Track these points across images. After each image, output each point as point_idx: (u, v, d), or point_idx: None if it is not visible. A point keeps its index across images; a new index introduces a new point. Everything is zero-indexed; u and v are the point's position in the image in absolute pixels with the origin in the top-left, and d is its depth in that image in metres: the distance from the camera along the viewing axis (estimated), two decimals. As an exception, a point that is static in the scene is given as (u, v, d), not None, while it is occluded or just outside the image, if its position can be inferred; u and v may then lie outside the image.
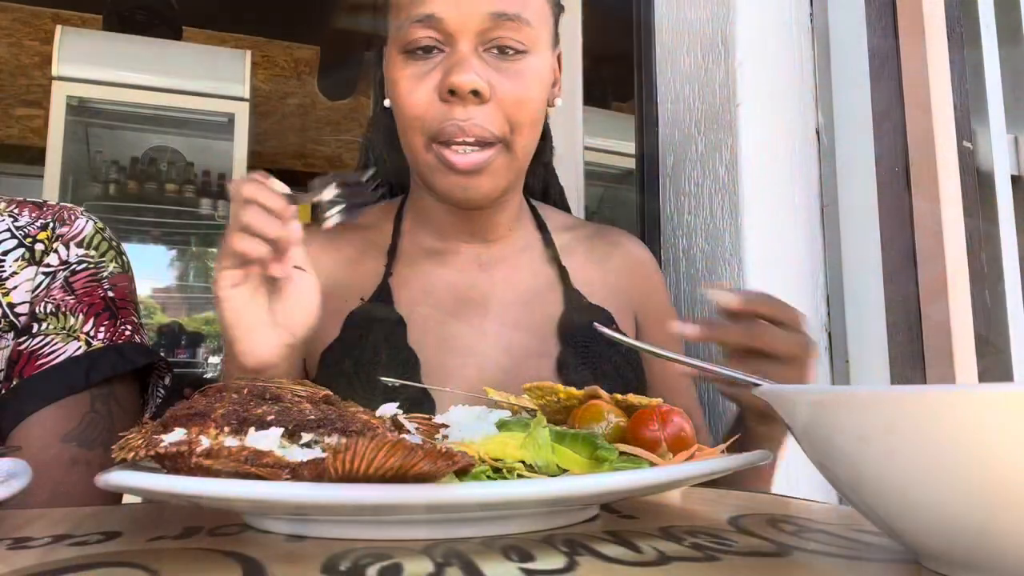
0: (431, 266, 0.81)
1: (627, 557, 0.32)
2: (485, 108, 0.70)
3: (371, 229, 0.85)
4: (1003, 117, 0.96)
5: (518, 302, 0.80)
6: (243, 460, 0.34)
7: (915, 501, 0.27)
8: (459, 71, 0.69)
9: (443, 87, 0.70)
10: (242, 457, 0.34)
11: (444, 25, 0.70)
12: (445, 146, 0.71)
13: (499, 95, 0.71)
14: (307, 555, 0.32)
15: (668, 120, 1.18)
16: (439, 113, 0.70)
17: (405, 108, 0.72)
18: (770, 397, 0.33)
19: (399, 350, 0.73)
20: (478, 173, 0.71)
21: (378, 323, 0.74)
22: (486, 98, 0.70)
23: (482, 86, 0.69)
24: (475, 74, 0.69)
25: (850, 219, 0.99)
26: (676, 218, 1.15)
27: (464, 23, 0.70)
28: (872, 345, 0.94)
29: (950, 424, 0.25)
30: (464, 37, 0.70)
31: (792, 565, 0.32)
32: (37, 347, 0.73)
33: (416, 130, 0.72)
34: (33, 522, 0.41)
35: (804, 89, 1.06)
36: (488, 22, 0.70)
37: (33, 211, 0.79)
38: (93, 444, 0.72)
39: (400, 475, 0.33)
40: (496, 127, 0.71)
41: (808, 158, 1.04)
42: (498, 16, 0.70)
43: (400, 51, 0.72)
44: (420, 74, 0.71)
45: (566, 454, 0.42)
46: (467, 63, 0.69)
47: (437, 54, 0.71)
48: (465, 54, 0.70)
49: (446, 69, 0.70)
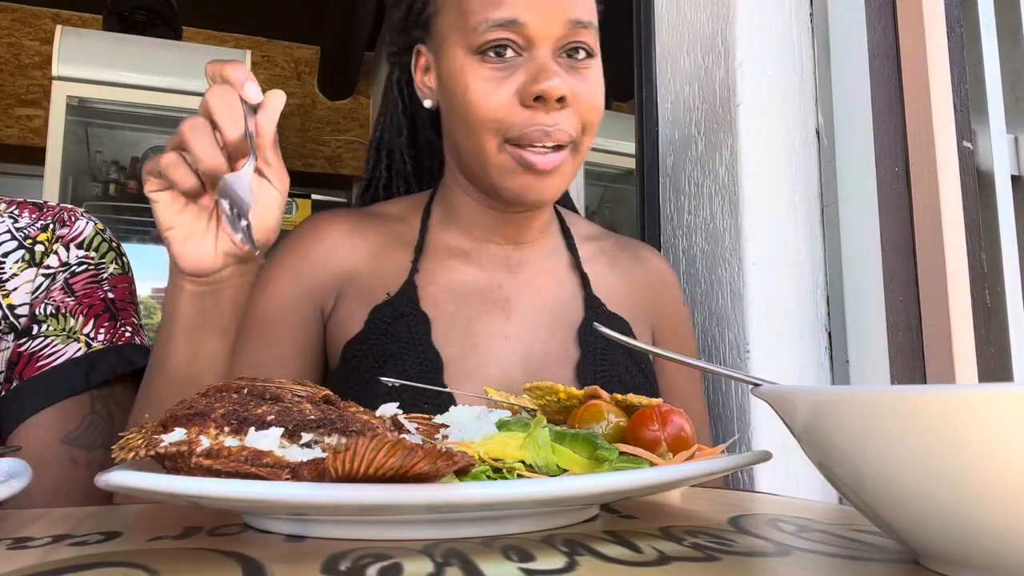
0: (458, 264, 0.81)
1: (627, 557, 0.32)
2: (566, 112, 0.71)
3: (398, 221, 0.84)
4: (1003, 117, 0.96)
5: (541, 307, 0.80)
6: (243, 460, 0.34)
7: (915, 501, 0.27)
8: (545, 78, 0.69)
9: (527, 92, 0.69)
10: (242, 457, 0.34)
11: (526, 31, 0.70)
12: (523, 148, 0.71)
13: (575, 99, 0.71)
14: (307, 555, 0.32)
15: (668, 120, 1.18)
16: (522, 118, 0.70)
17: (480, 110, 0.71)
18: (770, 397, 0.33)
19: (423, 349, 0.72)
20: (553, 174, 0.72)
21: (403, 320, 0.74)
22: (568, 103, 0.71)
23: (568, 92, 0.70)
24: (560, 80, 0.69)
25: (850, 219, 0.99)
26: (676, 218, 1.15)
27: (545, 29, 0.70)
28: (872, 345, 0.94)
29: (950, 424, 0.25)
30: (544, 43, 0.71)
31: (792, 565, 0.32)
32: (37, 349, 0.73)
33: (491, 132, 0.71)
34: (33, 522, 0.41)
35: (804, 89, 1.06)
36: (567, 28, 0.71)
37: (33, 212, 0.79)
38: (93, 445, 0.72)
39: (400, 475, 0.33)
40: (574, 130, 0.72)
41: (808, 158, 1.04)
42: (576, 23, 0.71)
43: (471, 52, 0.71)
44: (498, 77, 0.71)
45: (566, 454, 0.42)
46: (551, 69, 0.70)
47: (513, 57, 0.71)
48: (547, 60, 0.71)
49: (530, 75, 0.70)
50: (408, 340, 0.73)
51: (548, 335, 0.78)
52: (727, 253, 1.02)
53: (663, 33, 1.20)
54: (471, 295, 0.79)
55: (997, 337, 0.90)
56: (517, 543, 0.34)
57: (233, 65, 0.56)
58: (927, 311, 0.88)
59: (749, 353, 0.97)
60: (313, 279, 0.78)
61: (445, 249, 0.81)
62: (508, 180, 0.73)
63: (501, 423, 0.46)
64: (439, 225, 0.83)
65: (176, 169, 0.55)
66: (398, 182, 0.91)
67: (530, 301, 0.80)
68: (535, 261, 0.83)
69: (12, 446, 0.69)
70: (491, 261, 0.81)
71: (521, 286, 0.81)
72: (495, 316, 0.78)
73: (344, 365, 0.74)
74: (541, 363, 0.76)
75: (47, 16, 3.96)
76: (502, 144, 0.71)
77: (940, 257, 0.86)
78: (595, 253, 0.88)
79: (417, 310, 0.75)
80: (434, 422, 0.47)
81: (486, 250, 0.82)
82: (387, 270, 0.79)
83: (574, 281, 0.84)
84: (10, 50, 3.92)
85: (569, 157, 0.73)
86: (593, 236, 0.91)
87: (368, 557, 0.31)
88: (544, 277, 0.82)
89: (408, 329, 0.73)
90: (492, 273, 0.81)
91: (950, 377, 0.84)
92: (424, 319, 0.75)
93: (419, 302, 0.76)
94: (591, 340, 0.77)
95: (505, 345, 0.77)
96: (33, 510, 0.46)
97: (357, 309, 0.76)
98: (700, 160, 1.09)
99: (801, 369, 1.00)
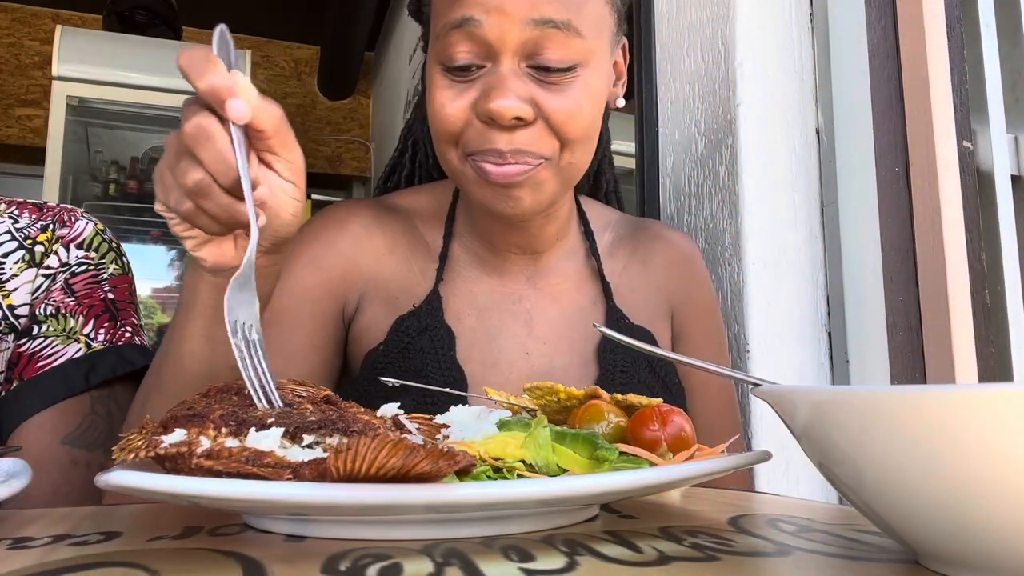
0: (480, 275, 0.79)
1: (627, 557, 0.32)
2: (531, 129, 0.65)
3: (421, 218, 0.81)
4: (1003, 117, 0.96)
5: (561, 319, 0.78)
6: (244, 460, 0.34)
7: (915, 501, 0.27)
8: (498, 95, 0.63)
9: (479, 110, 0.64)
10: (243, 458, 0.34)
11: (483, 32, 0.63)
12: (481, 160, 0.66)
13: (546, 112, 0.64)
14: (307, 555, 0.32)
15: (668, 120, 1.18)
16: (477, 133, 0.65)
17: (439, 123, 0.67)
18: (770, 397, 0.33)
19: (448, 367, 0.71)
20: (518, 186, 0.66)
21: (427, 334, 0.72)
22: (530, 120, 0.64)
23: (524, 111, 0.63)
24: (515, 98, 0.63)
25: (850, 219, 0.99)
26: (676, 218, 1.15)
27: (505, 31, 0.63)
28: (872, 345, 0.94)
29: (950, 424, 0.25)
30: (505, 50, 0.64)
31: (792, 565, 0.32)
32: (37, 349, 0.73)
33: (450, 144, 0.68)
34: (33, 522, 0.41)
35: (804, 89, 1.06)
36: (532, 30, 0.63)
37: (33, 213, 0.79)
38: (93, 446, 0.72)
39: (402, 475, 0.33)
40: (544, 148, 0.66)
41: (808, 158, 1.04)
42: (544, 23, 0.63)
43: (437, 62, 0.67)
44: (458, 88, 0.66)
45: (566, 454, 0.42)
46: (506, 84, 0.63)
47: (476, 68, 0.65)
48: (505, 73, 0.64)
49: (484, 89, 0.64)
50: (432, 355, 0.71)
51: (569, 349, 0.77)
52: (727, 253, 1.02)
53: (663, 33, 1.20)
54: (492, 309, 0.77)
55: (997, 337, 0.90)
56: (517, 543, 0.34)
57: (208, 67, 0.46)
58: (927, 311, 0.88)
59: (749, 353, 0.97)
60: (336, 271, 0.75)
61: (467, 258, 0.79)
62: (474, 191, 0.69)
63: (501, 423, 0.46)
64: (461, 231, 0.80)
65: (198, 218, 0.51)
66: (420, 174, 0.89)
67: (550, 314, 0.78)
68: (554, 268, 0.80)
69: (12, 446, 0.69)
70: (511, 272, 0.79)
71: (542, 298, 0.79)
72: (516, 332, 0.76)
73: (365, 374, 0.73)
74: (561, 381, 0.75)
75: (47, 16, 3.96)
76: (464, 156, 0.67)
77: (940, 257, 0.86)
78: (614, 243, 0.85)
79: (441, 324, 0.73)
80: (435, 422, 0.47)
81: (506, 260, 0.79)
82: (412, 277, 0.77)
83: (595, 290, 0.81)
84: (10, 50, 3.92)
85: (542, 169, 0.66)
86: (612, 222, 0.87)
87: (368, 557, 0.31)
88: (563, 284, 0.80)
89: (432, 344, 0.71)
90: (513, 286, 0.79)
91: (950, 377, 0.84)
92: (449, 334, 0.73)
93: (443, 315, 0.74)
94: (611, 357, 0.76)
95: (526, 363, 0.75)
96: (33, 510, 0.46)
97: (381, 316, 0.74)
98: (700, 160, 1.09)
99: (801, 369, 1.00)
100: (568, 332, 0.78)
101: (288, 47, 4.40)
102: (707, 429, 0.81)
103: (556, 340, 0.77)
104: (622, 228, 0.87)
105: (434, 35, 0.68)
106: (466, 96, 0.66)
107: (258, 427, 0.37)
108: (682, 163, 1.14)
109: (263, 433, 0.36)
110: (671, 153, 1.17)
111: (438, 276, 0.76)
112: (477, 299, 0.77)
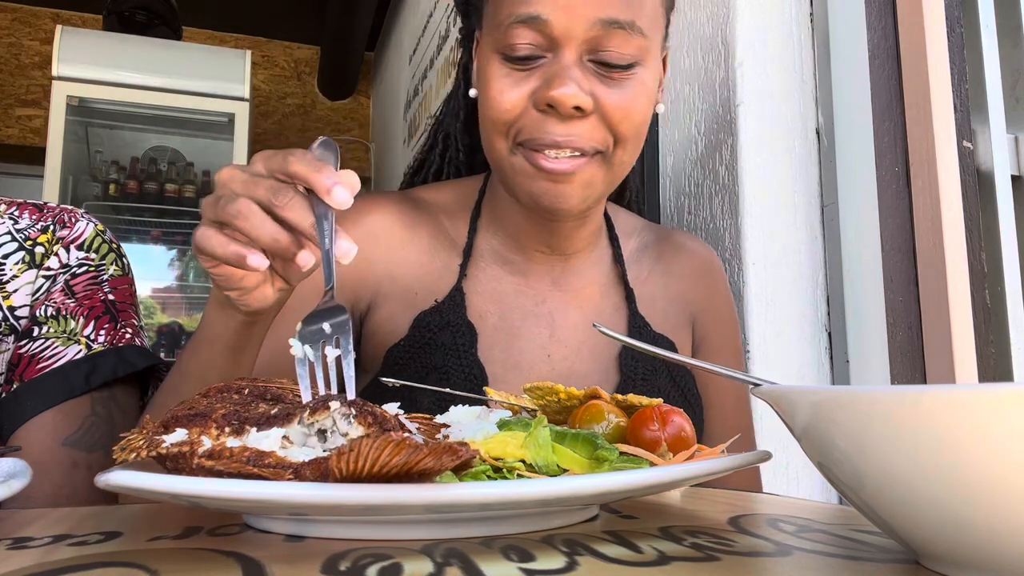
0: (504, 272, 0.78)
1: (627, 557, 0.32)
2: (587, 121, 0.65)
3: (446, 214, 0.81)
4: (1003, 117, 0.96)
5: (583, 323, 0.78)
6: (245, 461, 0.34)
7: (915, 501, 0.27)
8: (559, 84, 0.63)
9: (539, 97, 0.64)
10: (244, 458, 0.34)
11: (549, 28, 0.64)
12: (534, 150, 0.66)
13: (604, 106, 0.65)
14: (307, 555, 0.32)
15: (668, 120, 1.18)
16: (533, 122, 0.65)
17: (493, 110, 0.67)
18: (770, 397, 0.33)
19: (469, 363, 0.70)
20: (570, 180, 0.66)
21: (448, 330, 0.71)
22: (588, 112, 0.65)
23: (584, 101, 0.64)
24: (576, 87, 0.63)
25: (850, 219, 0.99)
26: (676, 218, 1.15)
27: (571, 28, 0.63)
28: (872, 345, 0.94)
29: (950, 424, 0.25)
30: (569, 44, 0.64)
31: (792, 565, 0.32)
32: (37, 350, 0.73)
33: (501, 134, 0.67)
34: (33, 522, 0.41)
35: (804, 89, 1.06)
36: (597, 29, 0.64)
37: (33, 213, 0.79)
38: (94, 447, 0.72)
39: (404, 472, 0.33)
40: (598, 140, 0.66)
41: (808, 158, 1.04)
42: (609, 23, 0.64)
43: (495, 51, 0.67)
44: (517, 77, 0.66)
45: (566, 454, 0.42)
46: (567, 74, 0.63)
47: (536, 58, 0.66)
48: (567, 64, 0.64)
49: (546, 78, 0.64)
50: (453, 352, 0.70)
51: (590, 355, 0.76)
52: (727, 253, 1.02)
53: (663, 33, 1.20)
54: (515, 308, 0.76)
55: (997, 337, 0.90)
56: (517, 543, 0.34)
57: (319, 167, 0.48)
58: (927, 311, 0.88)
59: (749, 353, 0.97)
60: (348, 270, 0.74)
61: (492, 254, 0.78)
62: (522, 183, 0.68)
63: (501, 423, 0.46)
64: (487, 227, 0.79)
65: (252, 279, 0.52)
66: (449, 170, 0.88)
67: (573, 317, 0.78)
68: (580, 272, 0.80)
69: (12, 446, 0.69)
70: (536, 272, 0.78)
71: (565, 301, 0.78)
72: (538, 333, 0.76)
73: (386, 371, 0.72)
74: (581, 385, 0.75)
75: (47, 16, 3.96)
76: (514, 146, 0.67)
77: (940, 257, 0.86)
78: (638, 251, 0.85)
79: (464, 320, 0.72)
80: (435, 422, 0.47)
81: (532, 259, 0.78)
82: (433, 271, 0.76)
83: (618, 297, 0.80)
84: (10, 50, 3.93)
85: (594, 166, 0.67)
86: (637, 229, 0.87)
87: (368, 557, 0.31)
88: (588, 288, 0.80)
89: (454, 340, 0.71)
90: (537, 286, 0.78)
91: (950, 377, 0.84)
92: (471, 330, 0.72)
93: (466, 311, 0.73)
94: (632, 364, 0.75)
95: (547, 365, 0.75)
96: (33, 510, 0.46)
97: (400, 312, 0.74)
98: (700, 160, 1.09)
99: (801, 369, 1.00)
100: (590, 337, 0.77)
101: (288, 47, 4.41)
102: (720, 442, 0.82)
103: (578, 345, 0.76)
104: (647, 236, 0.87)
105: (494, 24, 0.68)
106: (524, 85, 0.66)
107: (259, 427, 0.37)
108: (682, 163, 1.14)
109: (264, 433, 0.36)
110: (671, 153, 1.17)
111: (461, 271, 0.76)
112: (500, 298, 0.77)
